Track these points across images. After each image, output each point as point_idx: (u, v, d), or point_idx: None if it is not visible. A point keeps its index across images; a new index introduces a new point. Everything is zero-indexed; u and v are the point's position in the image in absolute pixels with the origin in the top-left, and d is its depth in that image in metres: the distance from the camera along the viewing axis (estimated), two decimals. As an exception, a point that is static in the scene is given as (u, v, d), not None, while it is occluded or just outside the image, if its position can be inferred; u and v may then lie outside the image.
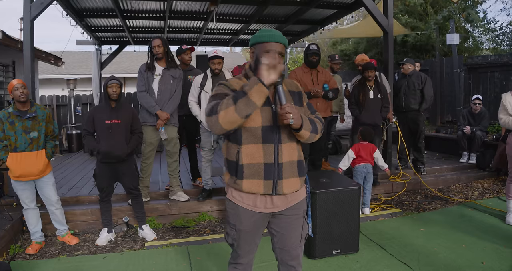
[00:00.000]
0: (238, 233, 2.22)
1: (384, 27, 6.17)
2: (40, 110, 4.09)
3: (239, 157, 2.10)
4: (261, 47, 2.13)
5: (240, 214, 2.19)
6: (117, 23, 8.96)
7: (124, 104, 4.34)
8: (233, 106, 1.88)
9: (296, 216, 2.25)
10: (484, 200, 5.60)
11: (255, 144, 2.09)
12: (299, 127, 2.03)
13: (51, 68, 14.59)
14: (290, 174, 2.15)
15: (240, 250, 2.28)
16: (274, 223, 2.27)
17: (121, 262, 3.84)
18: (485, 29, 12.34)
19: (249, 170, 2.10)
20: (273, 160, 2.09)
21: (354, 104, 5.59)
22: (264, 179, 2.10)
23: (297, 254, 2.32)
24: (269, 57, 1.93)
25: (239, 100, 1.88)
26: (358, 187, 3.91)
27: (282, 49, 2.13)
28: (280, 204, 2.18)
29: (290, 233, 2.26)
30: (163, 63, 4.83)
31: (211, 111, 1.98)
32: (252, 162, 2.09)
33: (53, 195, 4.23)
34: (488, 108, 7.88)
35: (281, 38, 2.13)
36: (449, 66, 9.81)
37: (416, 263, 3.64)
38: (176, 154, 5.04)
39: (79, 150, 9.33)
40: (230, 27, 9.95)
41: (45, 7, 4.96)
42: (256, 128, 2.07)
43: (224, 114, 1.91)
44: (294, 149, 2.18)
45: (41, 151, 4.06)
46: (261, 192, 2.11)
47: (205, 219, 4.98)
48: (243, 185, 2.11)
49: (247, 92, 1.87)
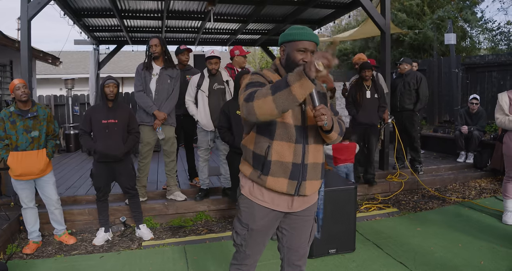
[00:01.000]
0: (250, 233, 2.17)
1: (381, 26, 6.18)
2: (41, 109, 4.11)
3: (269, 152, 2.04)
4: (293, 45, 2.05)
5: (255, 212, 2.14)
6: (115, 23, 8.95)
7: (121, 104, 4.35)
8: (271, 97, 1.74)
9: (308, 217, 2.25)
10: (481, 200, 5.61)
11: (288, 142, 2.04)
12: (330, 129, 2.00)
13: (49, 68, 14.58)
14: (313, 176, 2.13)
15: (249, 251, 2.23)
16: (285, 222, 2.25)
17: (118, 262, 3.85)
18: (482, 28, 12.34)
19: (276, 168, 2.05)
20: (300, 160, 2.06)
21: (351, 104, 5.59)
22: (290, 179, 2.06)
23: (304, 253, 2.32)
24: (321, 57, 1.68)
25: (279, 92, 1.72)
26: (354, 187, 3.92)
27: (314, 47, 2.05)
28: (297, 205, 2.16)
29: (301, 233, 2.26)
30: (160, 62, 4.83)
31: (249, 97, 1.83)
32: (280, 160, 2.04)
33: (54, 194, 4.25)
34: (485, 108, 7.90)
35: (313, 36, 2.05)
36: (447, 66, 9.82)
37: (412, 263, 3.65)
38: (174, 153, 5.04)
39: (77, 149, 9.34)
40: (228, 26, 9.95)
41: (42, 7, 4.96)
42: (290, 126, 2.03)
43: (261, 103, 1.77)
44: (319, 151, 2.16)
45: (42, 150, 4.07)
46: (284, 191, 2.08)
47: (202, 218, 4.98)
48: (267, 181, 2.07)
49: (290, 85, 1.71)
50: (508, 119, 4.39)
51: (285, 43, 2.11)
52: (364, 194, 5.76)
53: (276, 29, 9.91)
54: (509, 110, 4.46)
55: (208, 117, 4.83)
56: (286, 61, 2.10)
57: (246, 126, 2.21)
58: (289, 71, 1.83)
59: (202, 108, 4.84)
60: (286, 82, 1.71)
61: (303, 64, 1.73)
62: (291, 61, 2.05)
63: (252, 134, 2.15)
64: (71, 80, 9.71)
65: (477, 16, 12.09)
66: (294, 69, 1.80)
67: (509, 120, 4.38)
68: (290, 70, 1.89)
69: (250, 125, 2.15)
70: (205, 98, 4.83)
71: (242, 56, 5.47)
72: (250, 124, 2.14)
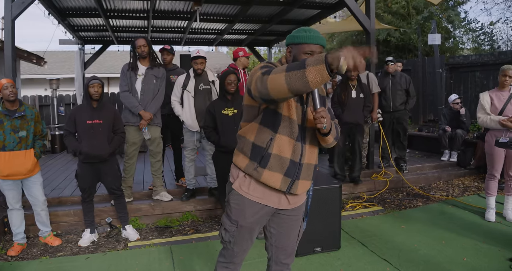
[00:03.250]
0: (239, 230, 2.17)
1: (366, 27, 6.24)
2: (28, 109, 4.09)
3: (270, 145, 2.04)
4: (300, 48, 2.04)
5: (246, 209, 2.13)
6: (100, 22, 8.88)
7: (106, 104, 4.33)
8: (285, 73, 1.69)
9: (297, 217, 2.27)
10: (464, 197, 5.71)
11: (290, 138, 2.05)
12: (327, 132, 2.01)
13: (33, 68, 14.41)
14: (306, 176, 2.15)
15: (236, 248, 2.22)
16: (274, 222, 2.26)
17: (103, 263, 3.83)
18: (466, 29, 12.54)
19: (275, 162, 2.05)
20: (298, 158, 2.08)
21: (337, 103, 5.64)
22: (285, 175, 2.07)
23: (292, 251, 2.34)
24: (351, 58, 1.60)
25: (294, 71, 1.66)
26: (339, 186, 3.96)
27: (321, 50, 2.04)
28: (286, 203, 2.17)
29: (290, 233, 2.28)
30: (146, 62, 4.81)
31: (266, 72, 1.80)
32: (280, 155, 2.04)
33: (41, 195, 4.22)
34: (469, 108, 8.03)
35: (321, 39, 2.03)
36: (431, 66, 9.95)
37: (396, 260, 3.70)
38: (160, 153, 5.03)
39: (62, 150, 9.25)
40: (214, 27, 9.94)
41: (27, 6, 4.91)
42: (295, 122, 2.04)
43: (275, 77, 1.73)
44: (314, 152, 2.18)
45: (29, 150, 4.04)
46: (277, 187, 2.08)
47: (189, 218, 4.98)
48: (263, 174, 2.06)
49: (306, 67, 1.63)
50: (490, 118, 4.48)
51: (292, 45, 2.10)
52: (350, 193, 5.81)
53: (262, 29, 9.93)
54: (490, 110, 4.55)
55: (194, 117, 4.83)
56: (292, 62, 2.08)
57: (249, 113, 2.16)
58: None
59: (187, 109, 4.84)
60: (304, 63, 1.65)
61: (327, 53, 1.65)
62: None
63: (253, 125, 2.12)
64: (56, 81, 9.60)
65: (460, 16, 12.27)
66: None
67: (491, 119, 4.47)
68: None
69: (253, 114, 2.12)
70: (191, 99, 4.83)
71: (246, 57, 5.52)
72: (253, 113, 2.11)
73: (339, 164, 5.82)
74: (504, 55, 8.81)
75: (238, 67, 5.48)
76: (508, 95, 4.50)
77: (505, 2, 13.05)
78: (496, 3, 16.43)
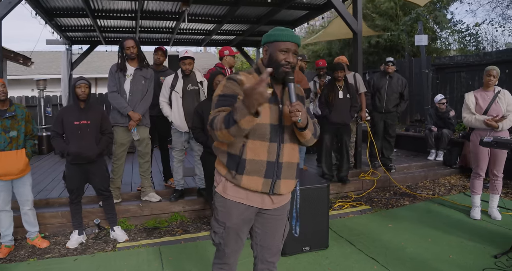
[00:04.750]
0: (227, 231, 2.20)
1: (354, 28, 6.30)
2: (19, 109, 4.07)
3: (244, 151, 2.07)
4: (275, 45, 2.09)
5: (231, 210, 2.17)
6: (88, 22, 8.84)
7: (93, 104, 4.30)
8: (226, 131, 1.87)
9: (281, 216, 2.29)
10: (450, 196, 5.79)
11: (262, 141, 2.07)
12: (304, 127, 2.05)
13: (20, 68, 14.26)
14: (288, 175, 2.17)
15: (227, 249, 2.25)
16: (258, 221, 2.28)
17: (92, 264, 3.81)
18: (452, 30, 12.68)
19: (251, 166, 2.08)
20: (275, 158, 2.10)
21: (324, 104, 5.68)
22: (264, 177, 2.10)
23: (277, 250, 2.37)
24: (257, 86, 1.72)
25: (231, 128, 1.85)
26: (326, 185, 3.99)
27: (296, 48, 2.11)
28: (270, 203, 2.19)
29: (274, 232, 2.30)
30: (134, 63, 4.80)
31: (211, 124, 1.97)
32: (255, 158, 2.07)
33: (30, 194, 4.21)
34: (454, 107, 8.14)
35: (295, 37, 2.10)
36: (418, 67, 10.06)
37: (384, 258, 3.75)
38: (148, 154, 5.02)
39: (49, 151, 9.16)
40: (202, 27, 9.95)
41: (14, 6, 4.87)
42: (264, 125, 2.06)
43: (220, 134, 1.92)
44: (295, 150, 2.20)
45: (21, 150, 4.03)
46: (259, 190, 2.11)
47: (177, 219, 4.98)
48: (242, 180, 2.09)
49: (237, 122, 1.81)
50: (475, 118, 4.55)
51: (268, 43, 2.15)
52: (338, 192, 5.86)
53: (251, 30, 9.96)
54: (475, 109, 4.62)
55: (182, 118, 4.83)
56: (268, 61, 2.13)
57: None
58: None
59: (176, 109, 4.84)
60: (234, 119, 1.82)
61: (242, 101, 1.80)
62: (273, 61, 2.09)
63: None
64: (43, 81, 9.50)
65: (447, 18, 12.41)
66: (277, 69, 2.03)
67: (476, 119, 4.54)
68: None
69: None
70: (179, 99, 4.83)
71: (231, 56, 5.51)
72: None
73: (327, 164, 5.86)
74: (489, 56, 8.95)
75: (225, 66, 5.49)
76: (493, 95, 4.58)
77: (490, 3, 13.26)
78: (481, 5, 16.69)
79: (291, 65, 2.08)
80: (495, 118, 4.40)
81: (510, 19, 12.69)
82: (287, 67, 2.07)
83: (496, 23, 13.39)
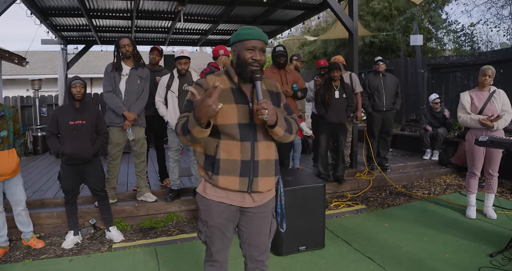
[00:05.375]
0: (210, 230, 2.23)
1: (349, 28, 6.31)
2: (6, 109, 4.05)
3: (217, 151, 2.11)
4: (242, 45, 2.11)
5: (212, 210, 2.20)
6: (83, 22, 8.81)
7: (89, 104, 4.28)
8: (184, 137, 2.02)
9: (264, 214, 2.29)
10: (445, 195, 5.81)
11: (233, 141, 2.10)
12: (273, 124, 2.05)
13: (15, 68, 14.19)
14: (266, 172, 2.18)
15: (214, 247, 2.28)
16: (243, 220, 2.29)
17: (87, 265, 3.80)
18: (447, 30, 12.73)
19: (225, 166, 2.10)
20: (249, 157, 2.11)
21: (321, 103, 5.69)
22: (240, 176, 2.11)
23: (265, 248, 2.36)
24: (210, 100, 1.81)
25: (187, 135, 1.99)
26: (323, 185, 3.99)
27: (263, 45, 2.13)
28: (250, 201, 2.20)
29: (260, 230, 2.31)
30: (130, 63, 4.78)
31: (176, 130, 2.10)
32: (229, 158, 2.10)
33: (23, 194, 4.18)
34: (450, 107, 8.17)
35: (261, 35, 2.12)
36: (413, 67, 10.09)
37: (380, 257, 3.76)
38: (144, 154, 5.01)
39: (44, 152, 9.12)
40: (198, 27, 9.94)
41: (8, 5, 4.83)
42: (232, 125, 2.08)
43: (183, 140, 2.06)
44: (271, 148, 2.21)
45: (12, 150, 4.00)
46: (236, 189, 2.13)
47: (173, 219, 4.97)
48: (219, 180, 2.12)
49: (190, 131, 1.95)
50: (470, 118, 4.57)
51: (235, 43, 2.17)
52: (334, 192, 5.87)
53: (247, 30, 9.94)
54: (470, 109, 4.64)
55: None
56: (237, 60, 2.16)
57: None
58: (240, 71, 2.13)
59: (172, 109, 4.83)
60: (187, 128, 1.97)
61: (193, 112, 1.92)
62: (241, 60, 2.12)
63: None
64: (38, 81, 9.47)
65: (442, 18, 12.46)
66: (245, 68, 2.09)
67: (471, 119, 4.56)
68: (240, 69, 2.12)
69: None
70: (175, 99, 4.82)
71: (226, 56, 5.50)
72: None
73: (323, 163, 5.87)
74: (484, 56, 8.99)
75: (219, 66, 5.48)
76: (488, 95, 4.60)
77: (485, 4, 13.32)
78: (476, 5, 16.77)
79: (258, 63, 2.10)
80: (490, 118, 4.42)
81: (504, 19, 12.76)
82: (255, 65, 2.10)
83: (491, 23, 13.46)
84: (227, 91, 2.13)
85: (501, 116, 4.42)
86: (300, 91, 5.32)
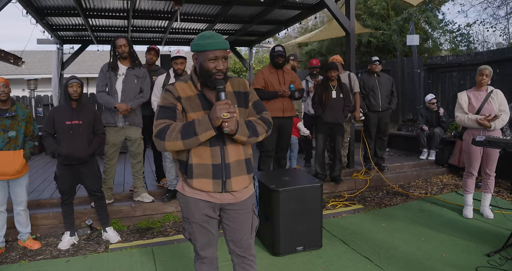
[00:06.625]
0: (192, 226, 2.30)
1: (346, 28, 6.31)
2: (20, 109, 4.05)
3: (189, 157, 2.18)
4: (205, 55, 2.10)
5: (191, 206, 2.26)
6: (79, 22, 8.77)
7: (85, 104, 4.26)
8: (181, 142, 2.06)
9: (244, 211, 2.34)
10: (442, 195, 5.82)
11: (203, 146, 2.16)
12: (233, 134, 2.11)
13: (10, 68, 14.06)
14: (238, 172, 2.24)
15: (198, 243, 2.34)
16: (224, 217, 2.35)
17: (84, 265, 3.78)
18: (443, 30, 12.74)
19: (198, 170, 2.18)
20: (220, 160, 2.18)
21: (318, 103, 5.68)
22: (213, 178, 2.19)
23: (248, 245, 2.40)
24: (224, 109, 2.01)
25: (188, 140, 2.05)
26: (320, 185, 3.99)
27: (225, 54, 2.14)
28: (228, 198, 2.26)
29: (241, 227, 2.35)
30: (127, 62, 4.77)
31: (160, 135, 2.08)
32: (201, 162, 2.18)
33: (25, 195, 4.19)
34: (446, 107, 8.19)
35: (223, 44, 2.11)
36: (410, 66, 10.10)
37: (377, 257, 3.76)
38: (140, 154, 4.99)
39: (40, 152, 9.08)
40: (195, 27, 9.92)
41: (4, 5, 4.82)
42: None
43: (171, 145, 2.08)
44: (240, 149, 2.25)
45: (19, 151, 4.00)
46: (210, 191, 2.21)
47: (170, 219, 4.96)
48: (193, 183, 2.20)
49: (198, 135, 2.03)
50: (467, 118, 4.57)
51: (197, 52, 2.17)
52: (331, 192, 5.87)
53: (244, 30, 9.95)
54: (468, 109, 4.64)
55: (175, 118, 4.79)
56: (200, 70, 2.18)
57: None
58: (203, 80, 2.15)
59: (168, 109, 4.80)
60: (195, 131, 2.04)
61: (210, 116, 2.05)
62: (204, 71, 2.13)
63: None
64: (34, 81, 9.43)
65: (438, 18, 12.47)
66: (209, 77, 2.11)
67: (468, 118, 4.56)
68: (204, 79, 2.15)
69: None
70: (172, 99, 4.79)
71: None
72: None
73: (320, 163, 5.86)
74: (480, 56, 9.00)
75: None
76: (485, 94, 4.61)
77: (481, 4, 13.36)
78: (472, 5, 16.82)
79: (221, 71, 2.12)
80: (488, 118, 4.43)
81: (501, 20, 12.81)
82: (219, 75, 2.12)
83: (487, 23, 13.51)
84: (195, 97, 2.18)
85: (498, 116, 4.43)
86: (297, 91, 5.31)
